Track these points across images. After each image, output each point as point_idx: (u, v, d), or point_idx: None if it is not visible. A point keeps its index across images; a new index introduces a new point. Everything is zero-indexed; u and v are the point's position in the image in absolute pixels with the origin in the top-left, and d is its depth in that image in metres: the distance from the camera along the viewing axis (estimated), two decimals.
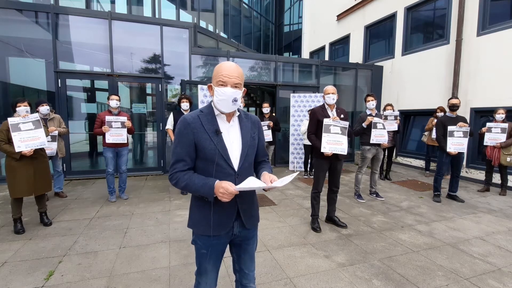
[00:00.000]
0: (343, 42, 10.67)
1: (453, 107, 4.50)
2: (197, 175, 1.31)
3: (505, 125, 4.78)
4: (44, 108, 4.16)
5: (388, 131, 4.81)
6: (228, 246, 1.51)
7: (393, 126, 5.29)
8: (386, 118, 5.25)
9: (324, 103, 3.41)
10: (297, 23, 15.16)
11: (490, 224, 3.67)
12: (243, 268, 1.51)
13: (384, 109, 5.57)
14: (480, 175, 5.80)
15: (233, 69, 1.29)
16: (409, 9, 7.68)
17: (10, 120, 3.06)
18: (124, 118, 4.26)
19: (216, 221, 1.35)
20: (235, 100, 1.29)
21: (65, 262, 2.60)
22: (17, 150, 3.02)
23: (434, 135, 5.68)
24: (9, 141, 3.07)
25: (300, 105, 6.87)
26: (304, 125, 6.02)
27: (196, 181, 1.27)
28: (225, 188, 1.20)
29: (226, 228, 1.38)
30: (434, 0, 7.06)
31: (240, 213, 1.39)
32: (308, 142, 5.47)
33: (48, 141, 4.12)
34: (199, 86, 5.81)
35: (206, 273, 1.44)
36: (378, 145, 4.59)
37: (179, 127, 1.32)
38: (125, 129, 4.27)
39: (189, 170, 1.34)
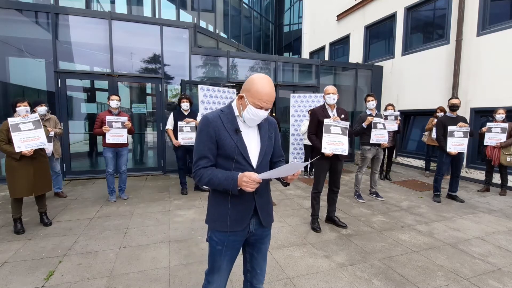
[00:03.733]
0: (343, 42, 10.67)
1: (453, 107, 4.50)
2: (219, 169, 1.34)
3: (505, 125, 4.79)
4: (43, 109, 4.17)
5: (388, 131, 4.81)
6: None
7: (393, 126, 5.30)
8: (386, 118, 5.25)
9: (324, 103, 3.41)
10: (297, 23, 15.16)
11: (490, 224, 3.67)
12: (255, 268, 1.53)
13: (385, 109, 5.57)
14: (480, 175, 5.80)
15: (273, 94, 1.31)
16: (409, 9, 7.68)
17: (10, 120, 3.06)
18: (124, 119, 4.26)
19: (233, 217, 1.37)
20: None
21: (65, 262, 2.60)
22: (17, 150, 3.02)
23: (434, 135, 5.68)
24: (9, 141, 3.07)
25: (300, 105, 6.87)
26: (304, 125, 6.01)
27: (219, 175, 1.30)
28: (248, 176, 1.24)
29: (243, 225, 1.40)
30: (434, 0, 7.06)
31: (258, 210, 1.41)
32: (308, 142, 5.47)
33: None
34: (199, 86, 5.80)
35: (219, 271, 1.45)
36: (378, 145, 4.59)
37: (201, 124, 1.35)
38: (126, 130, 4.27)
39: (212, 166, 1.36)
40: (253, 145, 1.39)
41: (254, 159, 1.38)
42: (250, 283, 1.55)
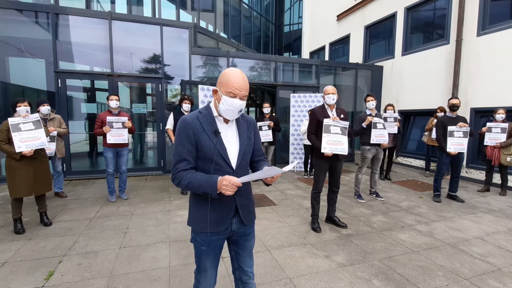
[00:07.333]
0: (343, 42, 10.67)
1: (453, 107, 4.50)
2: (199, 173, 1.34)
3: (505, 125, 4.79)
4: (45, 108, 4.17)
5: (388, 133, 4.78)
6: (226, 244, 1.53)
7: (393, 128, 5.28)
8: (385, 119, 5.23)
9: (324, 103, 3.41)
10: (297, 23, 15.16)
11: (490, 224, 3.67)
12: (241, 266, 1.54)
13: (385, 110, 5.56)
14: (480, 175, 5.80)
15: (244, 82, 1.32)
16: (409, 9, 7.68)
17: (11, 120, 3.06)
18: (125, 119, 4.26)
19: (214, 218, 1.38)
20: (240, 110, 1.35)
21: (65, 262, 2.60)
22: (17, 150, 3.02)
23: (434, 135, 5.68)
24: (9, 141, 3.07)
25: (300, 105, 6.87)
26: (304, 125, 6.01)
27: (198, 177, 1.30)
28: (228, 180, 1.24)
29: (224, 225, 1.41)
30: (434, 0, 7.06)
31: (239, 210, 1.43)
32: (308, 142, 5.47)
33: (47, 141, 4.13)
34: (199, 86, 5.81)
35: (206, 270, 1.47)
36: (378, 145, 4.59)
37: (179, 127, 1.35)
38: (126, 129, 4.27)
39: (191, 169, 1.36)
40: (232, 146, 1.40)
41: (233, 160, 1.39)
42: (240, 280, 1.57)
